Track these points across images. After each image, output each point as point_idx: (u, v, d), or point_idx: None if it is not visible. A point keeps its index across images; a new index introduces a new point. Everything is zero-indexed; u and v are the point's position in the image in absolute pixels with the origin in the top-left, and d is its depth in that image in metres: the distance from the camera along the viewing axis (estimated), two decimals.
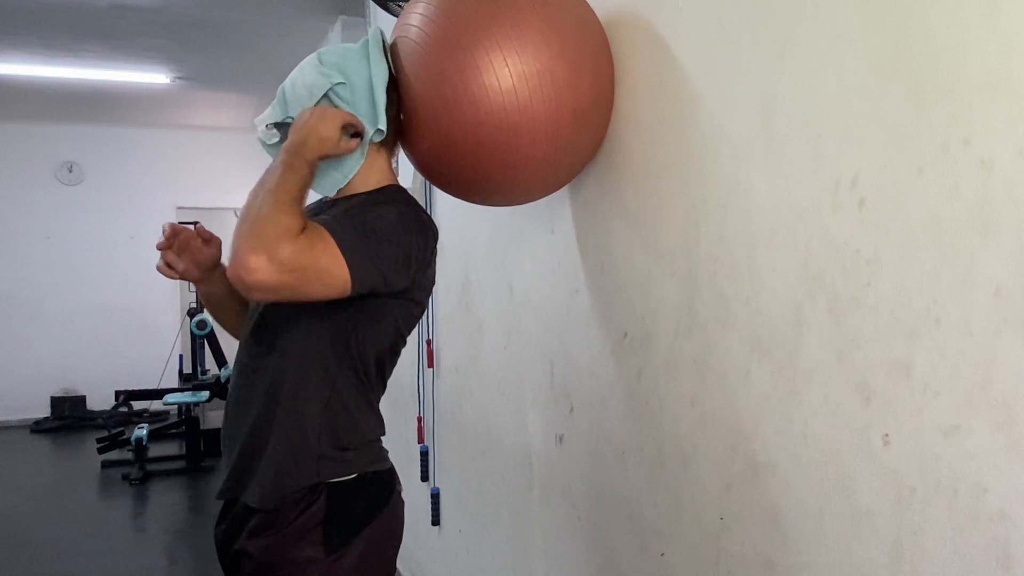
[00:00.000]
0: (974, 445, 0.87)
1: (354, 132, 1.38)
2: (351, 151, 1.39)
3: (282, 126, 1.46)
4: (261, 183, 1.28)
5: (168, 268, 1.48)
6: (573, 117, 1.46)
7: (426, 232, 1.39)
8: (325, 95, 1.39)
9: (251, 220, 1.22)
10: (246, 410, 1.39)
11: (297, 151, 1.30)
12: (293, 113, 1.42)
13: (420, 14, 1.46)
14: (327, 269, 1.23)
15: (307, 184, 1.31)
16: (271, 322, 1.39)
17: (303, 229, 1.23)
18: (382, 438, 1.45)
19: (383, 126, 1.39)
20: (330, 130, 1.34)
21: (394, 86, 1.46)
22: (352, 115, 1.37)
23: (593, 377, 1.70)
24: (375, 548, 1.37)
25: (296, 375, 1.35)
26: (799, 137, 1.12)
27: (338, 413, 1.36)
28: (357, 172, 1.43)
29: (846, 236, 1.03)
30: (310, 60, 1.43)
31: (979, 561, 0.86)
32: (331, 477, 1.35)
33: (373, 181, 1.44)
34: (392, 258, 1.31)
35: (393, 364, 1.47)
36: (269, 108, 1.47)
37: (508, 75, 1.39)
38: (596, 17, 1.56)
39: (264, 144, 1.47)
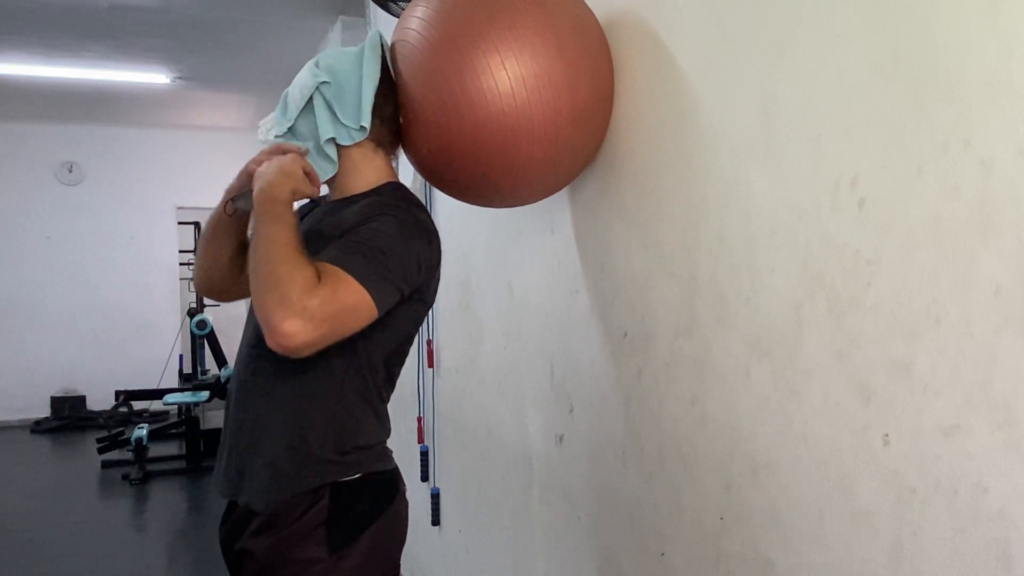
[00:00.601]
0: (974, 445, 0.87)
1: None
2: (316, 193, 1.40)
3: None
4: (254, 248, 1.27)
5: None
6: (572, 118, 1.46)
7: (428, 234, 1.39)
8: (311, 97, 1.42)
9: (268, 286, 1.22)
10: (246, 410, 1.40)
11: (271, 197, 1.29)
12: (292, 114, 1.43)
13: (419, 17, 1.47)
14: (355, 306, 1.25)
15: (297, 226, 1.30)
16: None
17: (318, 276, 1.23)
18: (386, 440, 1.45)
19: (366, 123, 1.40)
20: (292, 166, 1.33)
21: (392, 87, 1.47)
22: (304, 162, 1.37)
23: (593, 377, 1.70)
24: (379, 548, 1.37)
25: (299, 378, 1.35)
26: (799, 137, 1.12)
27: (343, 419, 1.35)
28: (356, 173, 1.44)
29: (846, 236, 1.03)
30: (309, 63, 1.46)
31: (979, 561, 0.86)
32: (335, 478, 1.35)
33: (371, 179, 1.45)
34: (403, 270, 1.32)
35: (401, 364, 1.47)
36: (273, 112, 1.48)
37: (506, 77, 1.39)
38: (595, 18, 1.56)
39: (264, 143, 1.48)
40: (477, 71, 1.39)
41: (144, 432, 5.39)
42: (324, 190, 1.50)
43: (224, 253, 1.53)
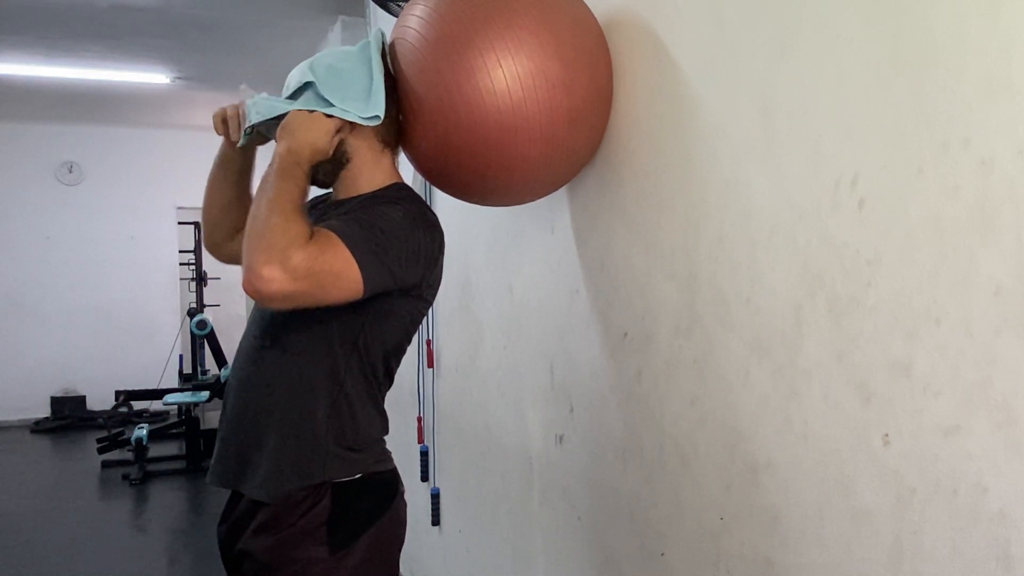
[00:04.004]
0: (974, 445, 0.87)
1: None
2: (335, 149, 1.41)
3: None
4: (262, 193, 1.30)
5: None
6: (568, 117, 1.46)
7: (432, 229, 1.40)
8: (297, 92, 1.40)
9: (259, 231, 1.24)
10: (247, 402, 1.40)
11: (294, 161, 1.33)
12: (279, 106, 1.42)
13: (417, 16, 1.47)
14: (340, 273, 1.25)
15: (306, 189, 1.34)
16: (277, 317, 1.40)
17: (311, 235, 1.24)
18: (385, 438, 1.46)
19: (380, 112, 1.39)
20: (323, 141, 1.37)
21: (394, 86, 1.47)
22: (339, 121, 1.39)
23: (593, 377, 1.70)
24: (379, 549, 1.38)
25: (301, 372, 1.36)
26: (799, 137, 1.12)
27: (344, 412, 1.36)
28: (364, 173, 1.44)
29: (846, 236, 1.03)
30: (303, 63, 1.45)
31: (979, 561, 0.86)
32: (337, 476, 1.35)
33: (379, 180, 1.46)
34: (401, 256, 1.32)
35: (399, 361, 1.48)
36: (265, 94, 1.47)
37: (502, 76, 1.39)
38: (593, 17, 1.56)
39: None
40: (473, 70, 1.39)
41: (144, 432, 5.38)
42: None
43: (217, 200, 1.57)
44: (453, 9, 1.45)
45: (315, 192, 1.48)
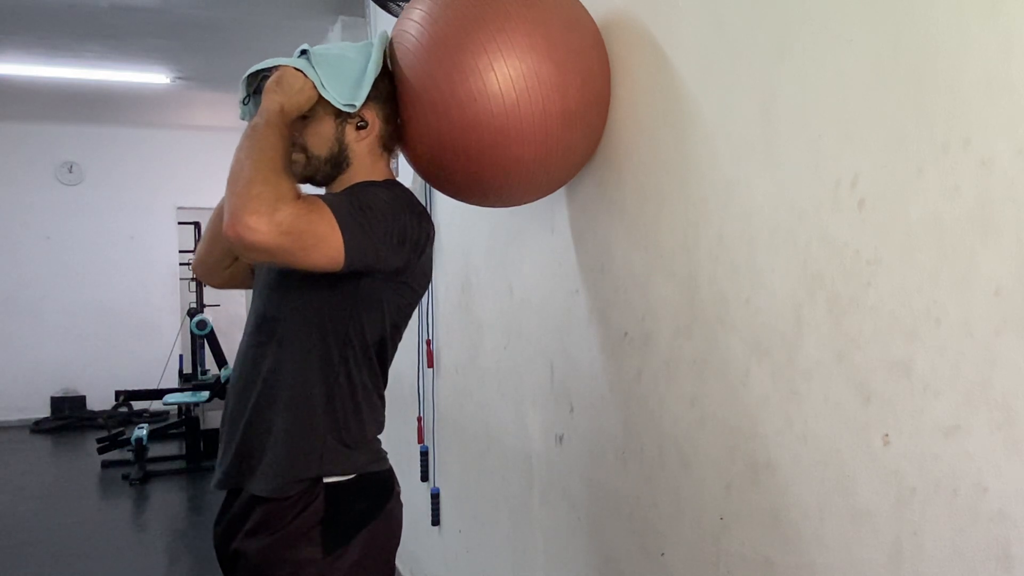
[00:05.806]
0: (974, 445, 0.87)
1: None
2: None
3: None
4: (251, 142, 1.29)
5: None
6: (563, 118, 1.46)
7: (420, 217, 1.40)
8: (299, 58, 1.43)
9: (247, 180, 1.23)
10: (247, 399, 1.40)
11: (285, 120, 1.34)
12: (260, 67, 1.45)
13: (414, 20, 1.49)
14: (323, 236, 1.25)
15: (290, 146, 1.34)
16: (271, 312, 1.41)
17: (299, 196, 1.26)
18: (380, 437, 1.46)
19: (358, 102, 1.41)
20: (307, 105, 1.39)
21: (394, 87, 1.48)
22: (316, 94, 1.40)
23: (593, 377, 1.70)
24: (373, 549, 1.38)
25: (296, 365, 1.36)
26: (799, 137, 1.12)
27: (338, 405, 1.37)
28: (360, 175, 1.46)
29: (846, 236, 1.03)
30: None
31: (979, 561, 0.86)
32: (332, 471, 1.35)
33: (377, 179, 1.46)
34: (386, 234, 1.32)
35: (389, 357, 1.47)
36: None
37: (494, 79, 1.40)
38: (590, 18, 1.56)
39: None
40: (466, 72, 1.40)
41: (144, 432, 5.39)
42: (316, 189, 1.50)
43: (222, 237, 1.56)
44: (447, 12, 1.45)
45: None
